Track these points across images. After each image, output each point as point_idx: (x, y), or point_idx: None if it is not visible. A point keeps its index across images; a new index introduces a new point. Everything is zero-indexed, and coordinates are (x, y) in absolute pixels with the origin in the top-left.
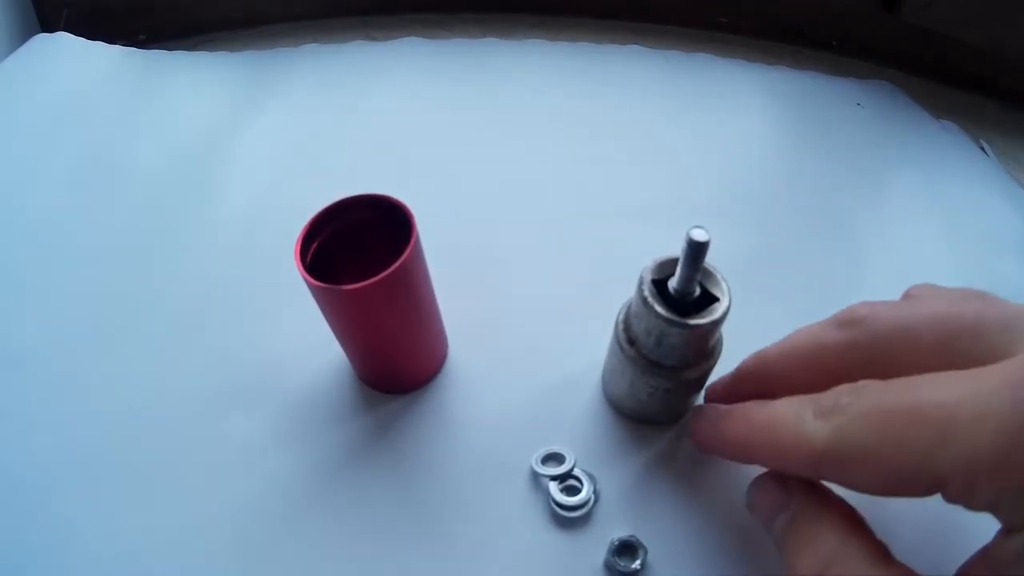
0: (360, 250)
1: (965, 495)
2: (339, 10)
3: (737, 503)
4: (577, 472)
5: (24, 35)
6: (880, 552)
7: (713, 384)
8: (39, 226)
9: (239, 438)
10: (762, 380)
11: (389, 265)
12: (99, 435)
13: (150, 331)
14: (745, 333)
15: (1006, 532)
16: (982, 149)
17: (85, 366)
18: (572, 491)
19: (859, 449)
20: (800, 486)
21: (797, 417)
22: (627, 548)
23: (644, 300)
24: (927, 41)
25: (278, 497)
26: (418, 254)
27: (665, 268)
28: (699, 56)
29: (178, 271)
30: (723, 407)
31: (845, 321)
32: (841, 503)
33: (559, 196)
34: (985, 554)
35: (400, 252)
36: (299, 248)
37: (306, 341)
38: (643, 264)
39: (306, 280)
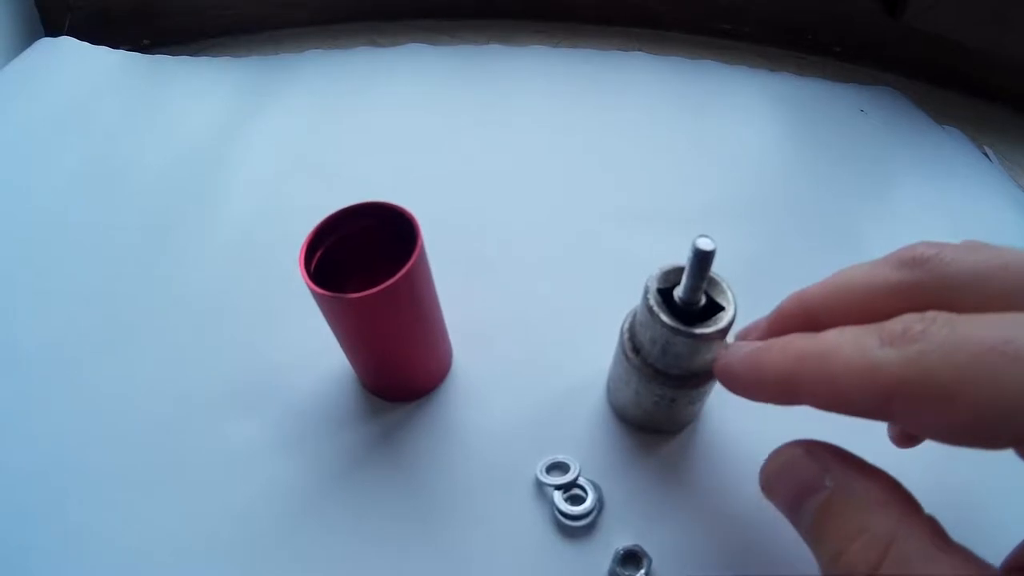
0: (365, 257)
1: None
2: (343, 16)
3: (743, 512)
4: (581, 481)
5: (28, 39)
6: (939, 532)
7: (745, 329)
8: (43, 229)
9: (242, 443)
10: (804, 324)
11: (393, 272)
12: (102, 438)
13: (154, 335)
14: None
15: None
16: (985, 155)
17: (88, 370)
18: (576, 500)
19: (940, 382)
20: (836, 458)
21: (857, 344)
22: (631, 557)
23: (649, 309)
24: (930, 46)
25: (280, 503)
26: (423, 262)
27: (670, 277)
28: (703, 62)
29: (182, 275)
30: (758, 342)
31: (907, 260)
32: (888, 476)
33: (563, 202)
34: None
35: (404, 259)
36: (303, 256)
37: (309, 347)
38: (648, 271)
39: (310, 288)
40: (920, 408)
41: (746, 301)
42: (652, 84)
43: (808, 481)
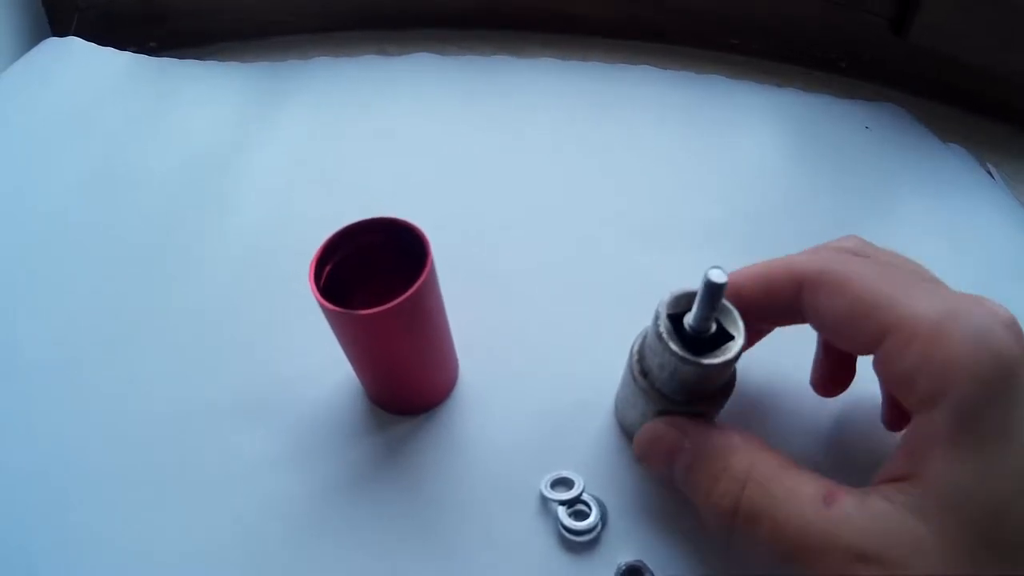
0: (373, 270)
1: (895, 355)
2: (351, 24)
3: None
4: (586, 497)
5: (35, 38)
6: (789, 460)
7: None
8: (46, 233)
9: (248, 454)
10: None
11: (402, 286)
12: (107, 446)
13: (159, 343)
14: (757, 356)
15: (922, 414)
16: (988, 172)
17: (93, 378)
18: (580, 515)
19: (837, 276)
20: (692, 424)
21: (783, 258)
22: (634, 572)
23: (659, 336)
24: (935, 64)
25: (285, 514)
26: (432, 279)
27: (681, 302)
28: (709, 77)
29: (186, 282)
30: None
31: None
32: (737, 428)
33: (569, 215)
34: (898, 449)
35: (413, 272)
36: (313, 271)
37: (317, 359)
38: (654, 286)
39: (320, 304)
40: (819, 292)
41: None
42: (659, 98)
43: (671, 444)
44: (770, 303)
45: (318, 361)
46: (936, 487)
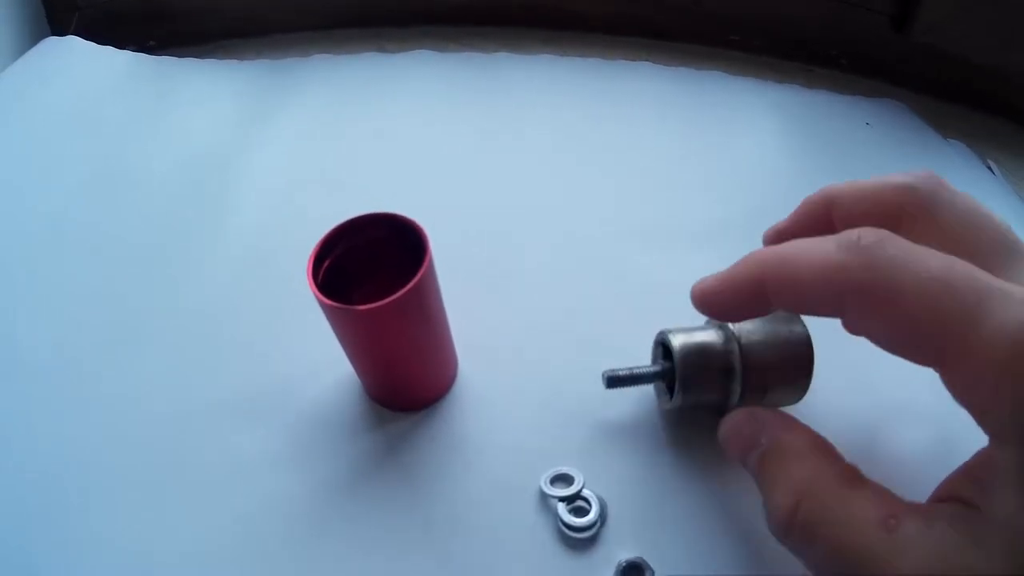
0: (372, 266)
1: (967, 382)
2: (350, 21)
3: (746, 527)
4: (585, 493)
5: (34, 37)
6: (852, 473)
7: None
8: (46, 232)
9: (247, 452)
10: (823, 215)
11: (401, 282)
12: (106, 444)
13: (158, 341)
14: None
15: (994, 443)
16: (989, 169)
17: (94, 376)
18: (580, 512)
19: (888, 284)
20: (771, 419)
21: (818, 248)
22: (634, 569)
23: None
24: (936, 60)
25: (284, 512)
26: (431, 274)
27: None
28: (710, 73)
29: (185, 280)
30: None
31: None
32: (810, 432)
33: (568, 213)
34: (968, 469)
35: (412, 268)
36: (311, 266)
37: (315, 356)
38: (653, 283)
39: (319, 299)
40: (867, 304)
41: None
42: (659, 95)
43: (749, 438)
44: (805, 309)
45: (317, 359)
46: (1001, 526)
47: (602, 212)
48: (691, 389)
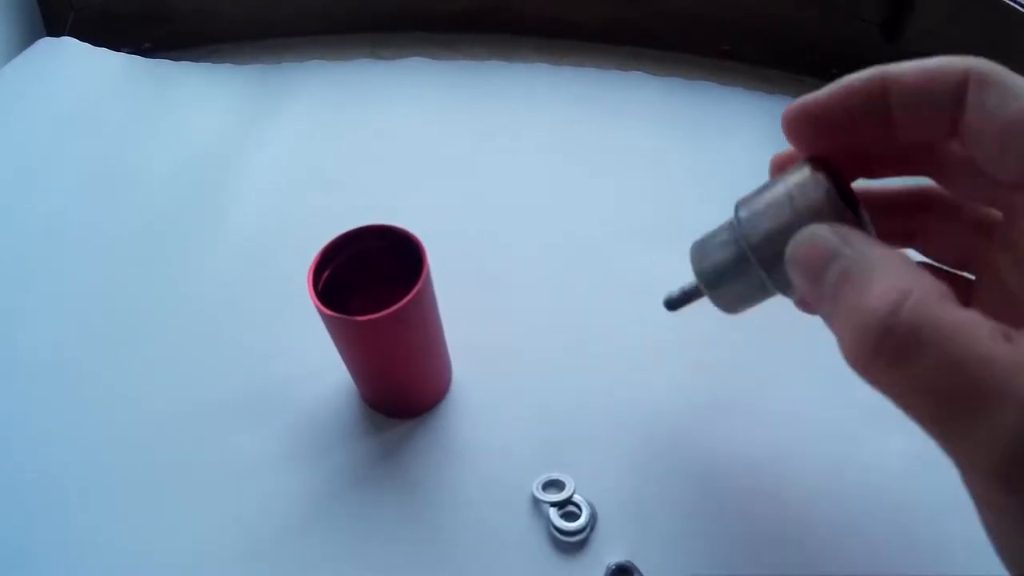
0: (370, 275)
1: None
2: (345, 27)
3: (735, 531)
4: (576, 498)
5: (29, 38)
6: (950, 292)
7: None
8: (41, 233)
9: (244, 454)
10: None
11: (398, 291)
12: (105, 445)
13: (155, 342)
14: (755, 354)
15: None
16: None
17: (94, 376)
18: (571, 517)
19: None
20: (856, 234)
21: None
22: (623, 572)
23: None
24: None
25: (280, 515)
26: (428, 286)
27: None
28: (699, 83)
29: (181, 282)
30: None
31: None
32: (899, 250)
33: (561, 220)
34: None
35: (409, 278)
36: (311, 277)
37: (312, 360)
38: (645, 289)
39: (319, 310)
40: (986, 96)
41: (744, 320)
42: (652, 104)
43: (829, 248)
44: (931, 92)
45: (316, 361)
46: None
47: (594, 219)
48: (711, 283)
